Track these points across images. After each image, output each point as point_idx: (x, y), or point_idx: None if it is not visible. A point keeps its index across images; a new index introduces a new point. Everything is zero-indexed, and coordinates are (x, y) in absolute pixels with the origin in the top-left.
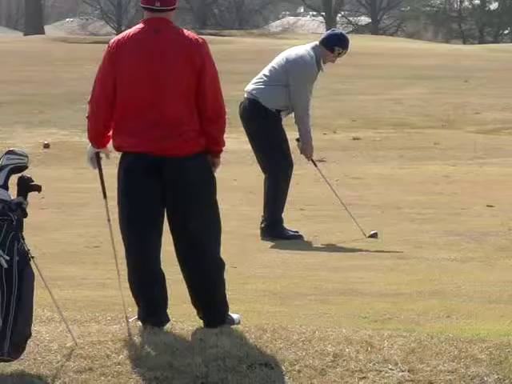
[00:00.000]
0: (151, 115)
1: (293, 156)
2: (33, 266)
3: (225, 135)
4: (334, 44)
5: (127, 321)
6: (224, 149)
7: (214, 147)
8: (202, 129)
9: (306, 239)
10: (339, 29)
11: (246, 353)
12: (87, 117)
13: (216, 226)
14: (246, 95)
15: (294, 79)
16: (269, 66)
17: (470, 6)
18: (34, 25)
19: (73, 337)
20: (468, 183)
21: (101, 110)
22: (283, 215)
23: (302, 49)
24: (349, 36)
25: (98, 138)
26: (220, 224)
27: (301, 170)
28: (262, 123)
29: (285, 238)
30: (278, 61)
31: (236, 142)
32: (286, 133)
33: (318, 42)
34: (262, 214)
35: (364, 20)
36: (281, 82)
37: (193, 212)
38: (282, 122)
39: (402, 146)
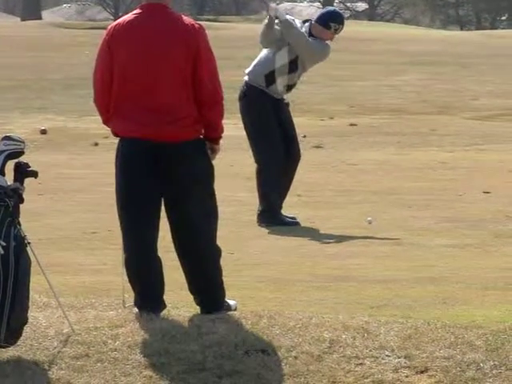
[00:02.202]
0: (147, 101)
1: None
2: (29, 252)
3: (223, 121)
4: (328, 20)
5: (124, 307)
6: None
7: (212, 133)
8: (200, 115)
9: (302, 225)
10: (332, 7)
11: (242, 339)
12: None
13: (213, 213)
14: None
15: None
16: None
17: None
18: (31, 10)
19: (69, 323)
20: (465, 170)
21: (100, 95)
22: (284, 203)
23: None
24: (346, 22)
25: (109, 122)
26: (217, 211)
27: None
28: (248, 107)
29: (282, 224)
30: None
31: (234, 127)
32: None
33: (313, 21)
34: (259, 203)
35: (361, 6)
36: (268, 50)
37: (190, 199)
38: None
39: (399, 132)
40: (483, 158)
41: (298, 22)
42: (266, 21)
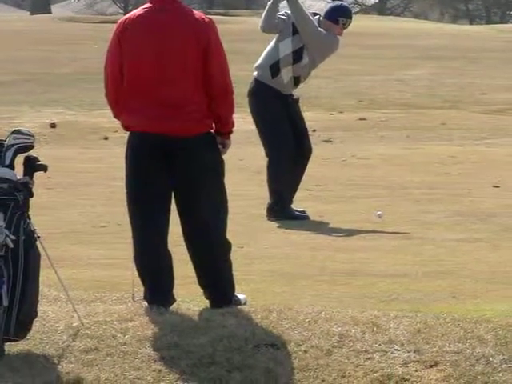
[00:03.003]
0: (157, 95)
1: None
2: (39, 246)
3: (233, 115)
4: (337, 15)
5: (133, 301)
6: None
7: (222, 128)
8: (210, 109)
9: (312, 219)
10: (340, 1)
11: (252, 333)
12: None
13: (223, 207)
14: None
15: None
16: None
17: None
18: (40, 4)
19: (79, 316)
20: (474, 164)
21: (111, 89)
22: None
23: None
24: (355, 16)
25: (120, 116)
26: (227, 205)
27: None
28: (257, 103)
29: (291, 218)
30: None
31: (243, 121)
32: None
33: (320, 17)
34: (269, 197)
35: (371, 0)
36: (272, 42)
37: (200, 193)
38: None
39: (409, 126)
40: (493, 152)
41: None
42: (271, 1)
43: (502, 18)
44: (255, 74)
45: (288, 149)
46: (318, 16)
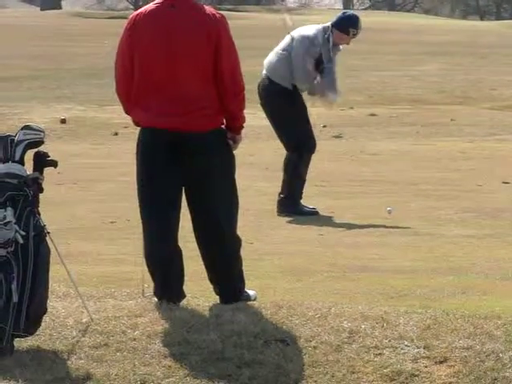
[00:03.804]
0: (168, 91)
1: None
2: (49, 242)
3: (244, 111)
4: (348, 26)
5: (143, 296)
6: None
7: (233, 123)
8: (221, 105)
9: (322, 215)
10: (350, 10)
11: (261, 329)
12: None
13: (234, 203)
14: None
15: (295, 45)
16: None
17: None
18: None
19: (88, 312)
20: (484, 160)
21: (122, 84)
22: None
23: (313, 28)
24: (366, 12)
25: (131, 112)
26: (238, 201)
27: (318, 145)
28: (279, 100)
29: (301, 214)
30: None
31: (252, 117)
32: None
33: (330, 25)
34: (280, 190)
35: None
36: (285, 51)
37: (210, 189)
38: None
39: (419, 122)
40: (502, 147)
41: (314, 29)
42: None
43: None
44: (268, 73)
45: (311, 141)
46: (329, 29)
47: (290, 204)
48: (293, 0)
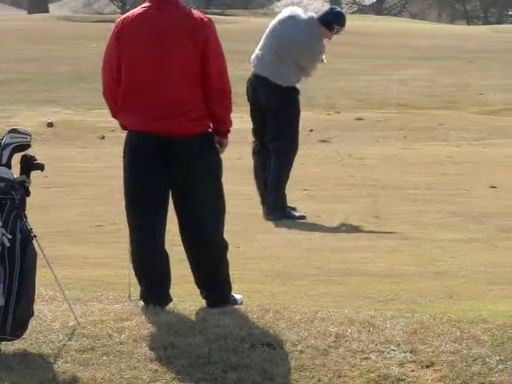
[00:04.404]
0: (155, 94)
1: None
2: (35, 245)
3: (231, 114)
4: (333, 22)
5: (130, 300)
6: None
7: (220, 127)
8: (208, 109)
9: (309, 219)
10: (337, 7)
11: (248, 333)
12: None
13: (221, 207)
14: (256, 72)
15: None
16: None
17: None
18: (38, 3)
19: (75, 316)
20: (472, 164)
21: (109, 88)
22: (287, 194)
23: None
24: (353, 16)
25: (119, 115)
26: (224, 204)
27: (304, 150)
28: (280, 101)
29: (289, 217)
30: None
31: (240, 121)
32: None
33: (314, 17)
34: (262, 194)
35: (368, 0)
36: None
37: (197, 192)
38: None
39: (406, 126)
40: (490, 152)
41: (301, 12)
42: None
43: (500, 19)
44: (268, 75)
45: (297, 145)
46: (312, 16)
47: (281, 207)
48: (280, 4)
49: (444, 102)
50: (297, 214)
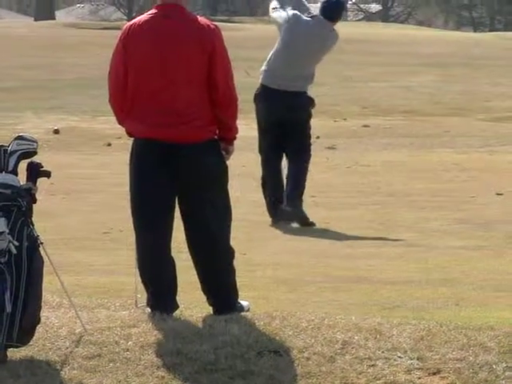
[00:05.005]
0: (161, 101)
1: None
2: (42, 252)
3: (237, 121)
4: (333, 13)
5: (136, 307)
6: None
7: (226, 134)
8: (214, 116)
9: (316, 226)
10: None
11: (254, 340)
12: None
13: (227, 214)
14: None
15: None
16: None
17: None
18: (44, 10)
19: (82, 323)
20: (478, 171)
21: (115, 95)
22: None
23: None
24: (359, 24)
25: (125, 122)
26: (231, 211)
27: (311, 157)
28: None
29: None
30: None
31: (246, 128)
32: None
33: (320, 16)
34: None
35: (375, 7)
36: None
37: (204, 200)
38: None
39: (412, 133)
40: (496, 159)
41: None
42: None
43: (506, 26)
44: (303, 88)
45: None
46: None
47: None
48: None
49: (450, 108)
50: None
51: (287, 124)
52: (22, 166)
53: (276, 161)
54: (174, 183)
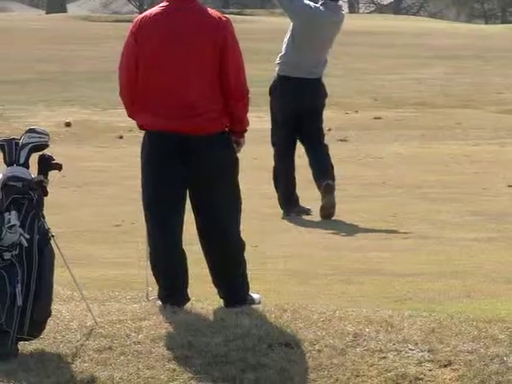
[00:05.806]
0: (173, 94)
1: None
2: (53, 245)
3: (248, 114)
4: None
5: (147, 300)
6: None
7: (237, 126)
8: (226, 108)
9: (327, 218)
10: None
11: (266, 332)
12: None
13: (237, 206)
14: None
15: None
16: None
17: None
18: (56, 3)
19: (93, 316)
20: (489, 163)
21: (126, 88)
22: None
23: None
24: (371, 15)
25: (135, 115)
26: (241, 203)
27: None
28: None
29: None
30: None
31: (258, 120)
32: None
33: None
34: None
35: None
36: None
37: (215, 192)
38: None
39: (424, 125)
40: (508, 151)
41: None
42: None
43: None
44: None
45: None
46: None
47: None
48: None
49: (462, 100)
50: (307, 207)
51: (306, 113)
52: (34, 158)
53: (291, 155)
54: (185, 175)
